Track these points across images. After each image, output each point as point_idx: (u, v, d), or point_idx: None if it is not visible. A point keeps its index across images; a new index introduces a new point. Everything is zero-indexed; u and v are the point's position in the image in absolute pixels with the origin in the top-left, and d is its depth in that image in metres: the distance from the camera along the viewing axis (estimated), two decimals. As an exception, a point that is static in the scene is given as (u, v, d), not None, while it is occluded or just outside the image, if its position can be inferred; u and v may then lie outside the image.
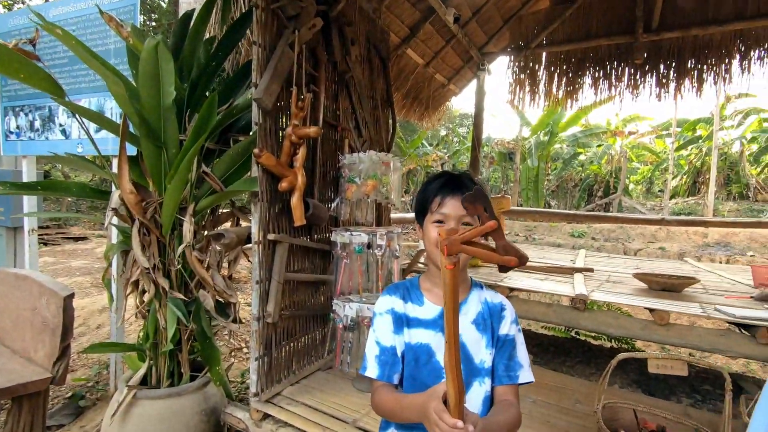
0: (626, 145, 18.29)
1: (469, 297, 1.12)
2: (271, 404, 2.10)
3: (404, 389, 1.11)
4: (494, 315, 1.12)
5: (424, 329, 1.09)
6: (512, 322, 1.12)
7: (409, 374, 1.10)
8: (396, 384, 1.10)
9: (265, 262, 2.04)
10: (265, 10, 1.98)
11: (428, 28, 4.76)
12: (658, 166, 19.51)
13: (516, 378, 1.08)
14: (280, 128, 2.14)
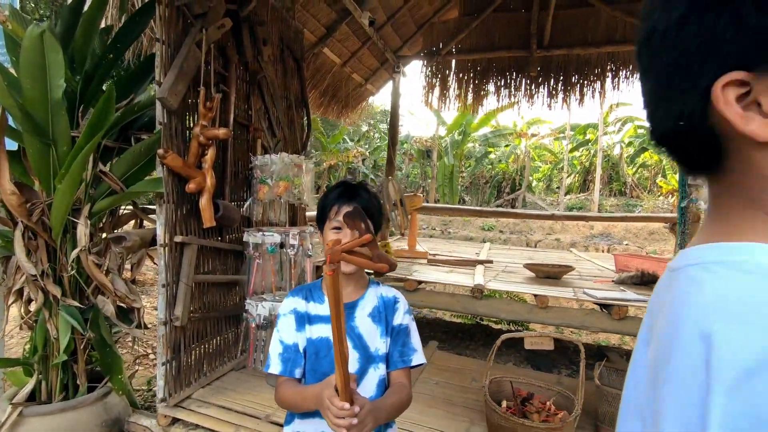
0: (530, 145, 20.08)
1: (366, 293, 1.25)
2: (180, 408, 2.07)
3: (306, 382, 1.21)
4: (388, 308, 1.27)
5: (325, 324, 1.20)
6: (405, 313, 1.28)
7: (311, 367, 1.20)
8: (299, 378, 1.20)
9: (172, 264, 2.00)
10: (169, 6, 1.93)
11: (345, 28, 4.85)
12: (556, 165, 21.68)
13: (409, 361, 1.23)
14: (187, 128, 2.09)
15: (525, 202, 18.87)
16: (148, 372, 3.27)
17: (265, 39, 2.61)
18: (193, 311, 2.14)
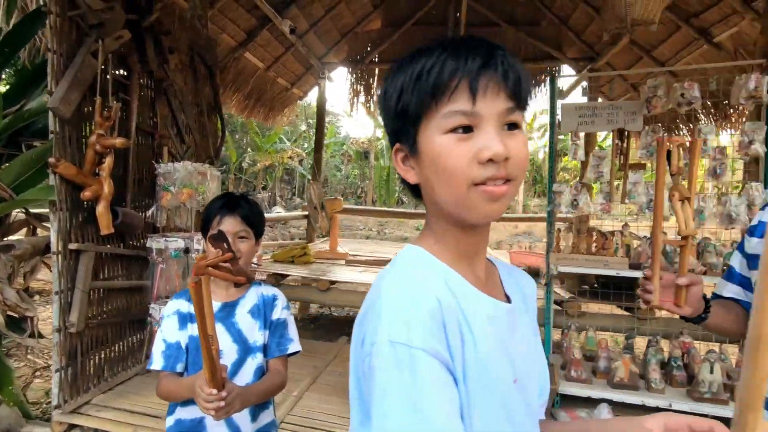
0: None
1: (247, 293, 1.41)
2: (77, 414, 2.08)
3: (188, 374, 1.34)
4: (267, 305, 1.44)
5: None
6: (284, 308, 1.45)
7: (193, 360, 1.34)
8: (181, 372, 1.33)
9: (67, 272, 2.02)
10: (61, 16, 1.95)
11: (267, 34, 4.91)
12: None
13: (286, 350, 1.41)
14: (83, 136, 2.11)
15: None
16: (48, 384, 3.15)
17: (172, 47, 2.66)
18: (92, 317, 2.17)
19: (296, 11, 4.88)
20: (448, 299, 0.54)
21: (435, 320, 0.51)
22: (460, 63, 0.55)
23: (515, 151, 0.54)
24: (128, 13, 2.28)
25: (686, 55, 4.38)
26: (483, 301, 0.59)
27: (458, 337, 0.53)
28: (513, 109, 0.55)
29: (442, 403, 0.50)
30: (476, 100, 0.54)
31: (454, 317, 0.54)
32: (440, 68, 0.55)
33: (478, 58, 0.55)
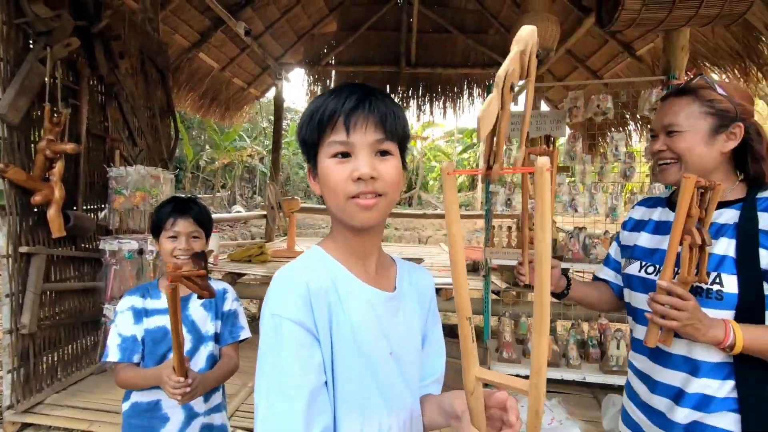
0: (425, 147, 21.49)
1: None
2: (31, 413, 2.13)
3: (145, 364, 1.47)
4: (218, 298, 1.58)
5: (160, 315, 1.47)
6: (233, 300, 1.60)
7: (149, 352, 1.46)
8: (137, 362, 1.45)
9: (18, 275, 2.06)
10: (7, 24, 1.98)
11: (221, 35, 4.94)
12: (448, 165, 23.48)
13: (238, 337, 1.56)
14: (32, 141, 2.15)
15: (420, 200, 20.19)
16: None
17: (122, 52, 2.71)
18: (44, 319, 2.21)
19: (251, 13, 4.94)
20: (319, 284, 0.70)
21: (303, 299, 0.68)
22: (339, 104, 0.69)
23: (384, 172, 0.69)
24: (77, 19, 2.32)
25: (614, 66, 4.83)
26: (363, 289, 0.75)
27: (325, 312, 0.70)
28: (383, 140, 0.69)
29: (299, 358, 0.66)
30: (349, 133, 0.68)
31: (323, 298, 0.70)
32: (324, 108, 0.70)
33: (353, 99, 0.69)
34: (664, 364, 1.07)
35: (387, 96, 0.74)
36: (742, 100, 1.03)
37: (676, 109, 1.05)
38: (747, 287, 0.95)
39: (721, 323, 0.94)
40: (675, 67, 2.78)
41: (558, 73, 5.79)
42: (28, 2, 2.02)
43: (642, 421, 1.13)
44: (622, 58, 4.63)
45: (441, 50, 5.88)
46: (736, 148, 1.02)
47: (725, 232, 1.00)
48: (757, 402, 0.95)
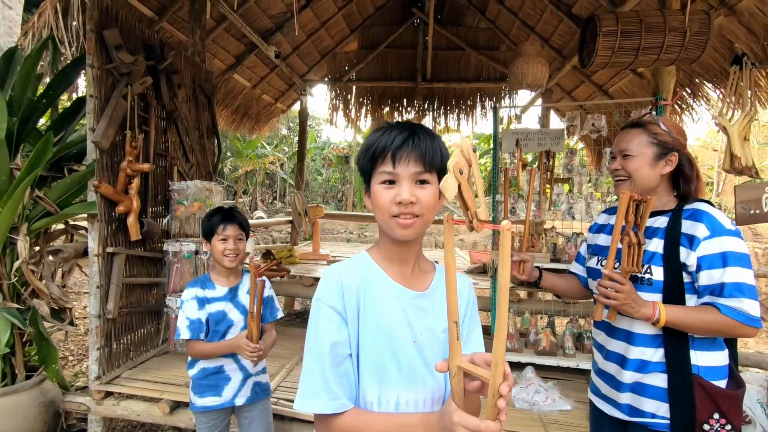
0: (441, 152, 21.71)
1: (242, 280, 1.95)
2: (112, 384, 2.60)
3: (209, 340, 1.89)
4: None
5: (218, 302, 1.89)
6: (269, 289, 2.00)
7: (213, 330, 1.89)
8: (202, 339, 1.88)
9: (105, 270, 2.53)
10: (100, 68, 2.47)
11: (253, 58, 5.45)
12: (464, 171, 23.59)
13: (275, 317, 1.97)
14: (115, 162, 2.63)
15: (437, 205, 20.43)
16: (67, 372, 3.62)
17: (180, 84, 3.19)
18: (122, 307, 2.68)
19: (280, 37, 5.43)
20: (350, 280, 0.88)
21: (336, 290, 0.88)
22: (389, 141, 0.84)
23: (422, 198, 0.83)
24: (147, 60, 2.81)
25: (618, 81, 5.13)
26: (392, 286, 0.91)
27: (354, 301, 0.88)
28: (422, 171, 0.83)
29: (330, 332, 0.86)
30: (395, 165, 0.84)
31: (353, 291, 0.88)
32: (377, 144, 0.86)
33: (401, 137, 0.84)
34: (612, 336, 1.39)
35: (430, 133, 0.87)
36: (678, 135, 1.37)
37: (629, 137, 1.37)
38: (670, 276, 1.27)
39: (650, 303, 1.25)
40: (662, 89, 3.11)
41: (566, 87, 6.11)
42: (115, 50, 2.50)
43: (601, 386, 1.44)
44: (626, 74, 4.93)
45: (455, 66, 6.27)
46: (673, 171, 1.37)
47: (658, 234, 1.32)
48: (679, 363, 1.26)
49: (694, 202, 1.32)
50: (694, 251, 1.24)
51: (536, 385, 2.60)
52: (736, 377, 1.30)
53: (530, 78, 3.11)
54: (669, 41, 2.00)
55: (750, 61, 1.95)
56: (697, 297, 1.27)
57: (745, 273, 1.19)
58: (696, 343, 1.27)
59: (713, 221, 1.24)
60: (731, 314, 1.18)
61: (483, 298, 3.59)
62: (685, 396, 1.23)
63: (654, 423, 1.28)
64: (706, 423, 1.22)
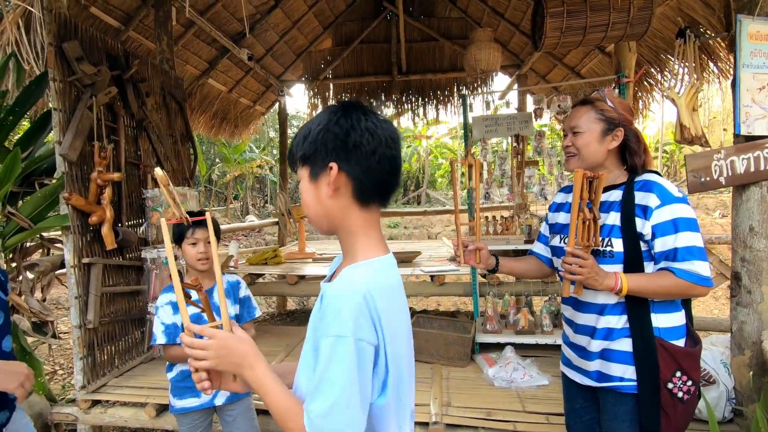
0: (430, 144, 21.71)
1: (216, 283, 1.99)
2: (98, 393, 2.63)
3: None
4: (234, 287, 2.04)
5: (193, 307, 1.92)
6: (245, 288, 2.05)
7: None
8: (179, 344, 1.91)
9: (82, 280, 2.56)
10: (62, 81, 2.48)
11: (227, 62, 5.45)
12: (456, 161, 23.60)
13: (253, 316, 2.01)
14: (86, 173, 2.65)
15: (429, 197, 20.50)
16: (56, 386, 3.65)
17: (148, 92, 3.21)
18: (103, 316, 2.71)
19: (252, 39, 5.43)
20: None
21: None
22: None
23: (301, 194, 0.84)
24: (111, 70, 2.83)
25: (588, 62, 5.19)
26: None
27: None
28: (295, 169, 0.83)
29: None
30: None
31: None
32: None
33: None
34: (581, 310, 1.43)
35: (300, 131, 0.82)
36: (624, 112, 1.41)
37: (579, 114, 1.41)
38: (629, 246, 1.32)
39: (612, 275, 1.29)
40: (625, 66, 3.17)
41: (540, 71, 6.17)
42: (76, 62, 2.52)
43: (572, 357, 1.49)
44: (595, 54, 4.99)
45: (430, 57, 6.31)
46: (621, 145, 1.41)
47: (614, 208, 1.37)
48: (641, 327, 1.32)
49: (643, 173, 1.38)
50: (648, 221, 1.30)
51: (514, 364, 2.66)
52: (693, 335, 1.38)
53: (483, 64, 3.17)
54: (614, 18, 2.06)
55: (693, 33, 2.01)
56: (654, 263, 1.33)
57: (695, 236, 1.26)
58: (656, 307, 1.33)
59: (663, 190, 1.30)
60: (685, 276, 1.25)
61: (466, 284, 3.65)
62: (649, 357, 1.29)
63: (622, 386, 1.34)
64: (670, 381, 1.28)
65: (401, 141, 0.82)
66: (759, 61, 1.91)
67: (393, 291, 0.79)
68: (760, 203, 2.01)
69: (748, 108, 1.93)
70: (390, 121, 0.81)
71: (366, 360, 0.70)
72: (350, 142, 0.75)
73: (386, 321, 0.73)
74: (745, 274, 2.07)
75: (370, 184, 0.78)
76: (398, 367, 0.76)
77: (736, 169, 1.95)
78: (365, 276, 0.75)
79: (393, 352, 0.75)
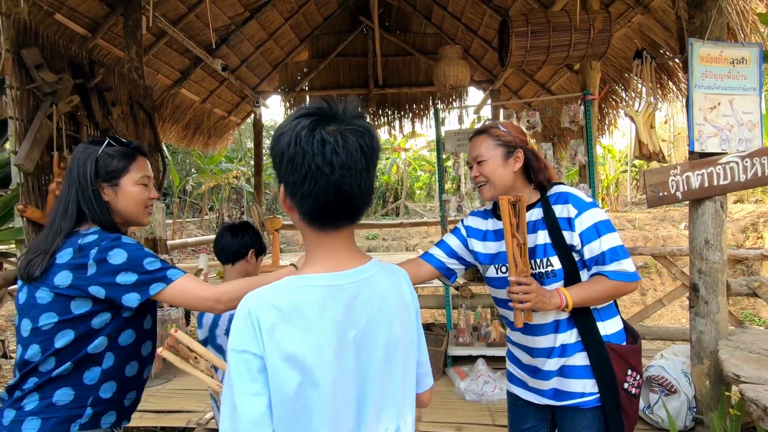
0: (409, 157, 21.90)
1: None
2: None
3: None
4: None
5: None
6: None
7: None
8: None
9: (37, 297, 2.44)
10: (20, 89, 2.39)
11: (200, 71, 5.38)
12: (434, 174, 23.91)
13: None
14: (43, 184, 2.54)
15: (407, 209, 20.60)
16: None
17: (114, 101, 3.13)
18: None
19: (226, 50, 5.39)
20: None
21: None
22: None
23: None
24: (75, 78, 2.75)
25: (558, 79, 5.36)
26: None
27: None
28: None
29: None
30: None
31: None
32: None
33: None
34: (536, 333, 1.39)
35: None
36: (518, 134, 1.42)
37: (478, 144, 1.41)
38: (565, 261, 1.33)
39: (555, 293, 1.28)
40: (589, 84, 3.28)
41: (513, 87, 6.33)
42: (36, 69, 2.44)
43: (525, 378, 1.46)
44: (564, 72, 5.16)
45: (406, 71, 6.40)
46: (524, 165, 1.40)
47: (539, 226, 1.37)
48: (591, 337, 1.33)
49: (552, 186, 1.41)
50: (575, 231, 1.33)
51: (485, 376, 2.67)
52: (631, 331, 1.42)
53: (452, 79, 3.26)
54: (576, 39, 2.13)
55: (649, 55, 2.10)
56: (587, 270, 1.35)
57: (614, 237, 1.32)
58: (601, 314, 1.36)
59: (576, 199, 1.35)
60: (617, 277, 1.29)
61: (439, 297, 3.66)
62: (604, 365, 1.31)
63: (583, 402, 1.34)
64: (625, 381, 1.32)
65: (353, 156, 0.71)
66: (710, 82, 2.01)
67: (301, 310, 0.71)
68: (714, 217, 2.09)
69: (701, 126, 2.02)
70: (354, 133, 0.72)
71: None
72: (284, 167, 0.71)
73: (269, 338, 0.69)
74: (702, 285, 2.14)
75: (307, 211, 0.73)
76: (287, 392, 0.68)
77: (691, 184, 2.03)
78: (266, 290, 0.72)
79: (282, 374, 0.68)
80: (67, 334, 1.09)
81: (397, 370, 0.81)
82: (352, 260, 0.79)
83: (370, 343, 0.77)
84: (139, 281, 1.10)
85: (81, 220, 1.16)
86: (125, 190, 1.20)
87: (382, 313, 0.79)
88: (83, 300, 1.09)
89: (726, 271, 2.14)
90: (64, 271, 1.09)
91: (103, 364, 1.13)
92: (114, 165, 1.19)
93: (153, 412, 2.64)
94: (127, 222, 1.26)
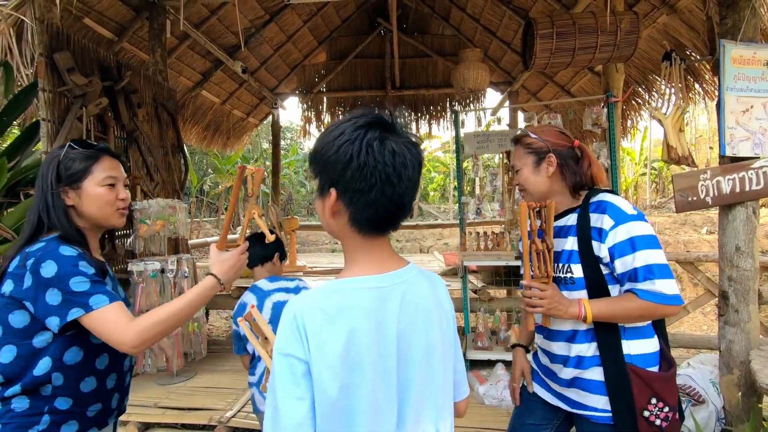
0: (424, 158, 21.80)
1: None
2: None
3: None
4: None
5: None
6: None
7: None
8: None
9: (65, 294, 2.50)
10: (53, 92, 2.46)
11: (220, 73, 5.46)
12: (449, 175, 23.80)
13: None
14: (72, 184, 2.61)
15: (422, 211, 20.55)
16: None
17: (140, 103, 3.20)
18: (86, 330, 2.65)
19: (246, 52, 5.46)
20: None
21: None
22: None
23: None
24: (103, 81, 2.82)
25: (578, 80, 5.29)
26: None
27: None
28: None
29: None
30: None
31: None
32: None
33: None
34: (553, 339, 1.38)
35: None
36: (549, 137, 1.38)
37: (514, 153, 1.45)
38: (589, 271, 1.29)
39: (575, 302, 1.26)
40: (612, 86, 3.23)
41: (531, 89, 6.26)
42: (67, 73, 2.50)
43: (543, 378, 1.45)
44: (585, 74, 5.09)
45: (423, 73, 6.39)
46: (560, 169, 1.36)
47: (571, 233, 1.34)
48: (612, 355, 1.28)
49: (598, 194, 1.36)
50: (604, 243, 1.27)
51: (505, 381, 2.64)
52: (668, 358, 1.34)
53: (471, 83, 3.23)
54: (602, 41, 2.10)
55: (678, 57, 2.05)
56: (620, 286, 1.30)
57: (654, 254, 1.23)
58: (627, 333, 1.30)
59: (616, 210, 1.28)
60: (648, 297, 1.22)
61: (457, 300, 3.63)
62: (622, 386, 1.25)
63: (596, 416, 1.31)
64: (645, 409, 1.24)
65: (416, 169, 0.74)
66: (742, 84, 1.96)
67: (346, 312, 0.72)
68: (745, 223, 2.04)
69: (732, 130, 1.96)
70: (412, 146, 0.75)
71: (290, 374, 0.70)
72: (349, 174, 0.71)
73: (315, 341, 0.70)
74: (733, 293, 2.08)
75: (365, 218, 0.74)
76: (330, 394, 0.69)
77: (722, 189, 1.98)
78: (312, 293, 0.75)
79: (325, 377, 0.69)
80: (11, 350, 1.05)
81: (436, 373, 0.81)
82: (393, 263, 0.80)
83: (410, 345, 0.77)
84: (62, 302, 1.02)
85: (42, 227, 1.11)
86: (88, 192, 1.15)
87: (421, 315, 0.80)
88: (21, 313, 1.05)
89: (758, 278, 2.08)
90: (8, 279, 1.05)
91: (53, 382, 1.07)
92: (75, 168, 1.14)
93: (175, 409, 2.68)
94: (98, 225, 1.21)
